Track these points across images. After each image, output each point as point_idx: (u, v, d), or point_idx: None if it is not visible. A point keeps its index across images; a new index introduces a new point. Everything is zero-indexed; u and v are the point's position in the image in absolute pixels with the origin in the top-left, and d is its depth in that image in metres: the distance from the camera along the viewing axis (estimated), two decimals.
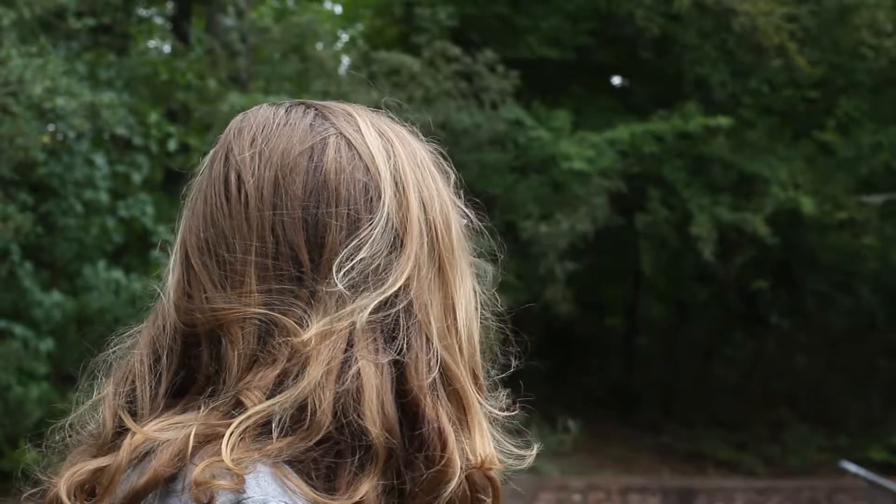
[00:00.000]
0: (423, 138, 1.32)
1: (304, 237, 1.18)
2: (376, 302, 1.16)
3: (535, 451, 1.29)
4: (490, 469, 1.17)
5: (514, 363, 1.39)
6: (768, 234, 16.73)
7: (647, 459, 17.87)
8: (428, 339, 1.17)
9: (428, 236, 1.21)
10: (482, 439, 1.18)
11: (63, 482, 1.15)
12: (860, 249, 19.09)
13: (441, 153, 1.34)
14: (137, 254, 11.63)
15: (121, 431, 1.16)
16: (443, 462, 1.13)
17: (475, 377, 1.22)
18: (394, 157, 1.23)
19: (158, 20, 15.60)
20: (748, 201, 17.20)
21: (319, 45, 16.16)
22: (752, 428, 19.22)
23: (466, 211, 1.31)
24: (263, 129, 1.24)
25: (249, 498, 1.06)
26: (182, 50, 14.42)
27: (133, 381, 1.20)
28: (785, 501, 16.30)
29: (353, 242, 1.18)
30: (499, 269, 1.38)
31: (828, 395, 20.75)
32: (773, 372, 21.39)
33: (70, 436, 1.24)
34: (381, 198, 1.20)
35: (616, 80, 21.30)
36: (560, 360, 20.29)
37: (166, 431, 1.12)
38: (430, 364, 1.16)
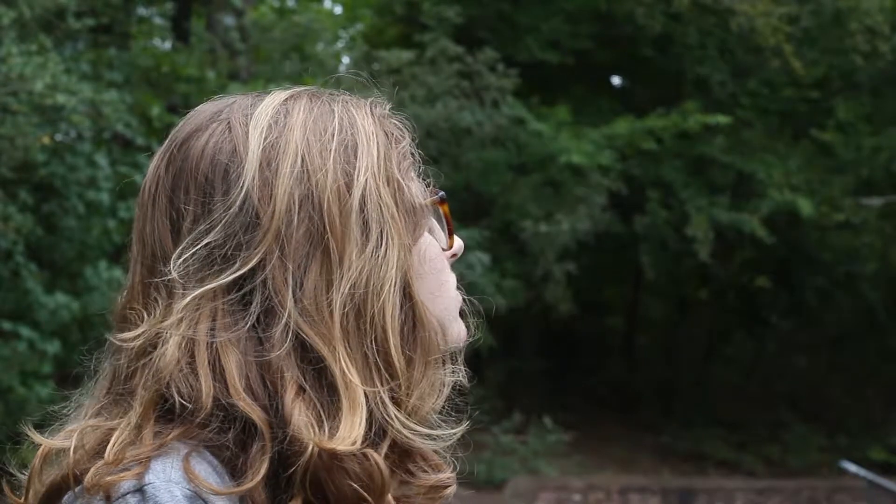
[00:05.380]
0: (377, 109, 1.26)
1: (168, 229, 1.18)
2: (220, 283, 1.14)
3: (458, 430, 1.21)
4: (341, 452, 1.10)
5: (474, 339, 1.32)
6: (766, 236, 16.75)
7: (647, 459, 17.88)
8: (279, 317, 1.13)
9: (304, 210, 1.15)
10: (351, 423, 1.11)
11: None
12: (860, 249, 19.10)
13: (406, 124, 1.29)
14: None
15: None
16: (287, 439, 1.09)
17: (367, 357, 1.15)
18: (276, 132, 1.18)
19: (158, 21, 15.60)
20: (746, 202, 17.22)
21: (320, 45, 16.18)
22: (752, 428, 19.22)
23: (407, 184, 1.23)
24: (181, 126, 1.24)
25: (150, 484, 1.06)
26: (182, 48, 14.46)
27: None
28: (785, 501, 16.30)
29: (202, 227, 1.16)
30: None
31: (828, 395, 20.75)
32: (773, 372, 21.40)
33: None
34: (240, 178, 1.16)
35: (616, 80, 21.31)
36: (560, 360, 20.30)
37: (66, 439, 1.14)
38: (281, 341, 1.12)
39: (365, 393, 1.13)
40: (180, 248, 1.16)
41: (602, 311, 22.89)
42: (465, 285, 1.33)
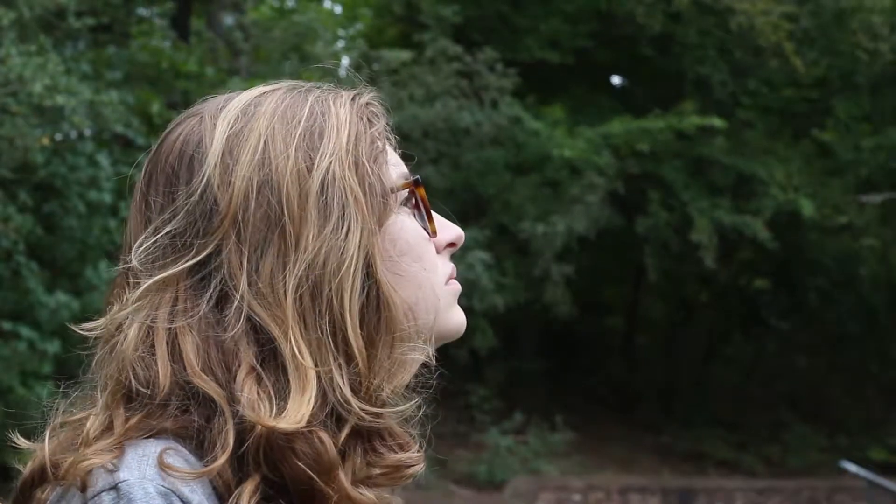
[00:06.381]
0: (360, 98, 1.26)
1: (142, 222, 1.20)
2: (178, 270, 1.15)
3: (405, 406, 1.19)
4: (282, 430, 1.09)
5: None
6: (769, 239, 16.74)
7: (647, 459, 17.88)
8: (232, 300, 1.14)
9: (262, 195, 1.16)
10: (299, 403, 1.11)
11: None
12: (859, 251, 19.11)
13: (384, 110, 1.29)
14: None
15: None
16: (237, 417, 1.10)
17: (322, 338, 1.15)
18: (243, 121, 1.20)
19: (158, 21, 15.62)
20: (748, 203, 17.21)
21: (319, 45, 16.18)
22: (752, 428, 19.22)
23: (375, 168, 1.22)
24: (168, 126, 1.27)
25: (125, 481, 1.06)
26: (183, 46, 14.48)
27: None
28: (785, 501, 16.31)
29: (165, 216, 1.18)
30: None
31: (828, 396, 20.75)
32: (773, 372, 21.40)
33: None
34: (202, 167, 1.18)
35: (616, 80, 21.32)
36: (560, 360, 20.30)
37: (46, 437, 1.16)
38: (233, 324, 1.13)
39: (318, 374, 1.13)
40: (142, 237, 1.18)
41: (602, 311, 22.89)
42: (466, 285, 1.32)
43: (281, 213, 1.16)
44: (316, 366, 1.14)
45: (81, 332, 1.20)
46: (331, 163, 1.19)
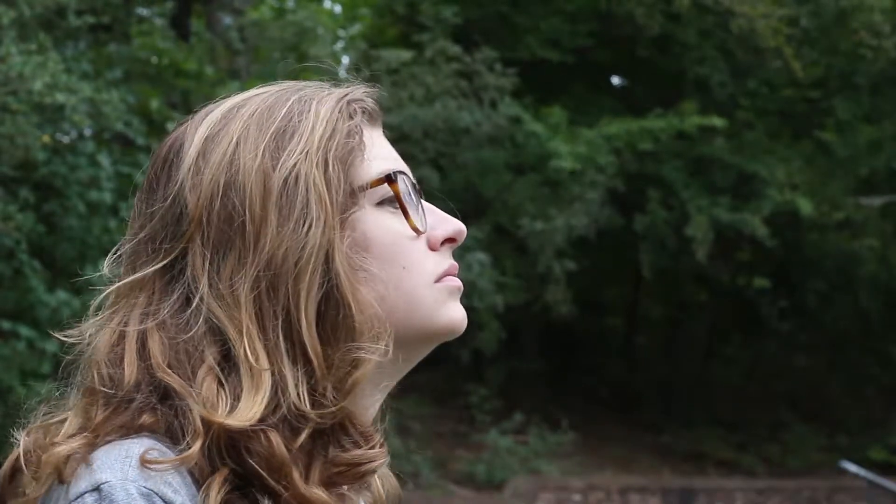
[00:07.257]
0: (350, 95, 1.26)
1: (129, 229, 1.23)
2: (146, 273, 1.18)
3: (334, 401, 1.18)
4: (230, 427, 1.10)
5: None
6: (767, 236, 16.73)
7: (647, 459, 17.88)
8: (193, 301, 1.15)
9: (227, 196, 1.16)
10: (252, 402, 1.11)
11: None
12: (859, 250, 19.11)
13: (374, 103, 1.28)
14: None
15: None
16: (197, 415, 1.11)
17: (278, 338, 1.14)
18: (222, 124, 1.21)
19: (158, 21, 15.62)
20: (747, 202, 17.21)
21: (319, 45, 16.17)
22: (752, 428, 19.22)
23: (342, 166, 1.21)
24: None
25: (107, 482, 1.07)
26: (182, 46, 14.49)
27: None
28: (785, 501, 16.31)
29: (142, 221, 1.21)
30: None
31: (828, 396, 20.76)
32: (773, 372, 21.40)
33: None
34: (178, 171, 1.19)
35: (616, 80, 21.32)
36: (560, 360, 20.30)
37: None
38: (194, 325, 1.15)
39: (273, 373, 1.13)
40: (118, 244, 1.22)
41: (602, 311, 22.88)
42: (465, 285, 1.30)
43: (243, 213, 1.16)
44: (271, 366, 1.14)
45: (63, 338, 1.23)
46: (297, 161, 1.18)
